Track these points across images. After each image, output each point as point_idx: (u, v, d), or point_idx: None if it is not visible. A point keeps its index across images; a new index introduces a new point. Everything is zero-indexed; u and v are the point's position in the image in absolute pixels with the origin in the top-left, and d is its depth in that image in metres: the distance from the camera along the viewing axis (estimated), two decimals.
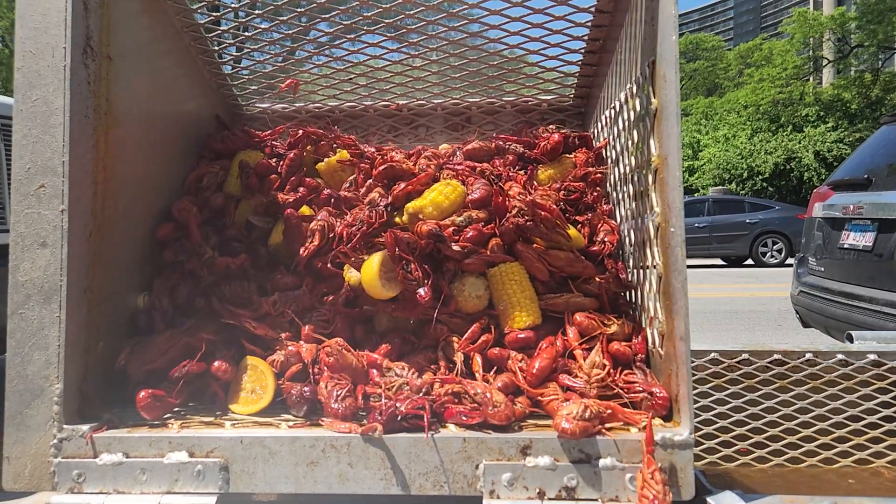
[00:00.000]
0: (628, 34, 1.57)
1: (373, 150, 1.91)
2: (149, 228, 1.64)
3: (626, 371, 1.35)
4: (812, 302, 4.20)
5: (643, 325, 1.46)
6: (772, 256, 13.38)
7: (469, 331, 1.44)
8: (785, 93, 28.58)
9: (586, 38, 1.89)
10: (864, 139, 7.27)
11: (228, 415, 1.36)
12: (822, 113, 27.24)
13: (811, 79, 31.76)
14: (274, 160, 1.84)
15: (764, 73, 30.19)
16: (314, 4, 1.83)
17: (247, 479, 1.20)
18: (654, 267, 1.34)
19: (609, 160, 1.85)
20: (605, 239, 1.59)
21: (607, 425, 1.19)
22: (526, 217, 1.48)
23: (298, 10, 1.90)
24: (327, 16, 1.89)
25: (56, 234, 1.26)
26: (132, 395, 1.30)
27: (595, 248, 1.60)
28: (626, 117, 1.62)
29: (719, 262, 14.52)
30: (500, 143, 1.92)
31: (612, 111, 1.80)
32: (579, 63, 2.01)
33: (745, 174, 26.22)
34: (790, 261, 12.30)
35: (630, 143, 1.56)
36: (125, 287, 1.50)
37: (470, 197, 1.58)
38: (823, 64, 31.98)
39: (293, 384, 1.34)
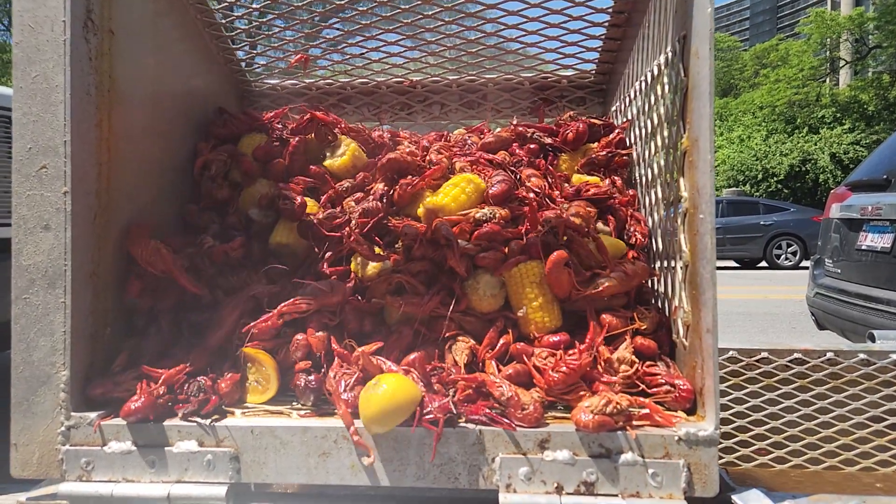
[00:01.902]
0: (657, 6, 1.49)
1: (386, 135, 1.83)
2: (156, 210, 1.59)
3: (647, 363, 1.30)
4: (828, 304, 4.16)
5: (667, 315, 1.41)
6: (786, 259, 13.23)
7: (486, 338, 1.35)
8: (801, 94, 28.17)
9: (611, 10, 1.79)
10: (881, 141, 7.14)
11: (239, 404, 1.33)
12: (838, 114, 26.85)
13: (828, 80, 31.18)
14: (277, 143, 1.77)
15: (780, 73, 29.75)
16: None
17: (258, 470, 1.17)
18: (681, 255, 1.28)
19: (633, 142, 1.77)
20: (636, 231, 1.51)
21: (636, 423, 1.14)
22: (557, 234, 1.38)
23: None
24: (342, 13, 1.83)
25: (59, 217, 1.22)
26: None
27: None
28: (652, 96, 1.54)
29: (733, 263, 14.35)
30: (521, 129, 1.82)
31: (637, 89, 1.71)
32: (602, 37, 1.92)
33: (760, 176, 25.94)
34: (805, 263, 12.20)
35: (656, 123, 1.48)
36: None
37: (490, 191, 1.48)
38: (840, 65, 31.38)
39: (300, 374, 1.30)
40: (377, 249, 1.46)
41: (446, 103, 2.21)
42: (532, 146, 1.79)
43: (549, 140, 1.79)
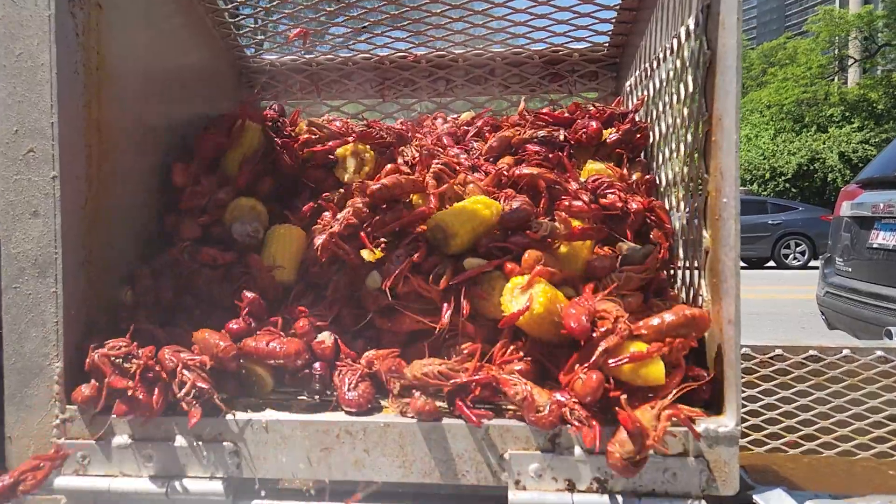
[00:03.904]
0: None
1: (397, 129, 1.68)
2: (151, 194, 1.53)
3: None
4: (839, 303, 4.12)
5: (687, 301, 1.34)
6: (794, 258, 13.14)
7: (498, 345, 1.24)
8: (809, 92, 27.69)
9: None
10: (890, 140, 7.00)
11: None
12: (847, 113, 26.45)
13: (836, 78, 30.57)
14: (260, 164, 1.63)
15: (788, 72, 29.21)
16: None
17: (258, 464, 1.14)
18: (702, 241, 1.21)
19: (651, 121, 1.68)
20: (659, 241, 1.38)
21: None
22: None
23: None
24: None
25: (48, 203, 1.17)
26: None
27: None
28: (671, 71, 1.45)
29: (741, 263, 14.26)
30: (524, 121, 1.67)
31: (654, 64, 1.62)
32: (617, 7, 1.81)
33: (768, 175, 25.74)
34: (813, 263, 12.10)
35: (676, 100, 1.40)
36: (127, 258, 1.41)
37: (504, 215, 1.34)
38: (849, 63, 30.70)
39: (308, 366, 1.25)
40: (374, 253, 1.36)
41: (452, 79, 2.11)
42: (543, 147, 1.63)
43: (558, 135, 1.65)
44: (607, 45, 2.01)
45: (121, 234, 1.38)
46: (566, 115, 1.74)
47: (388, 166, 1.56)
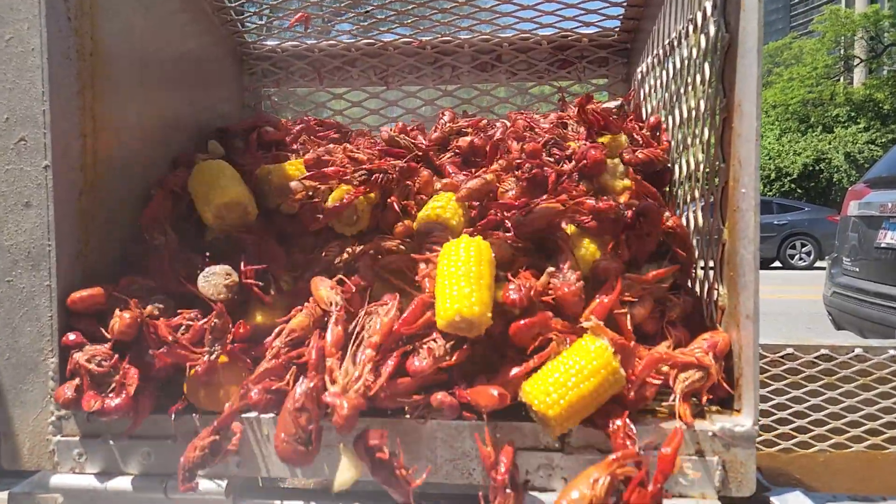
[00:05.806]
0: None
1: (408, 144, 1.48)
2: (151, 184, 1.49)
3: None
4: (846, 303, 4.10)
5: (701, 296, 1.29)
6: (800, 259, 13.05)
7: None
8: (815, 92, 27.59)
9: None
10: None
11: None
12: (853, 113, 26.36)
13: (842, 78, 30.36)
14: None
15: (793, 72, 29.07)
16: None
17: (259, 463, 1.11)
18: (718, 233, 1.16)
19: (662, 108, 1.62)
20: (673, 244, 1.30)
21: None
22: None
23: None
24: None
25: (41, 194, 1.13)
26: None
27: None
28: (686, 55, 1.39)
29: None
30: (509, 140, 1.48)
31: (667, 48, 1.56)
32: None
33: (773, 175, 25.66)
34: (819, 263, 12.00)
35: (691, 86, 1.34)
36: (125, 251, 1.37)
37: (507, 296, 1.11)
38: (855, 63, 30.52)
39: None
40: None
41: (457, 65, 2.06)
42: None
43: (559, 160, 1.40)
44: (618, 29, 1.95)
45: (119, 225, 1.34)
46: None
47: None
